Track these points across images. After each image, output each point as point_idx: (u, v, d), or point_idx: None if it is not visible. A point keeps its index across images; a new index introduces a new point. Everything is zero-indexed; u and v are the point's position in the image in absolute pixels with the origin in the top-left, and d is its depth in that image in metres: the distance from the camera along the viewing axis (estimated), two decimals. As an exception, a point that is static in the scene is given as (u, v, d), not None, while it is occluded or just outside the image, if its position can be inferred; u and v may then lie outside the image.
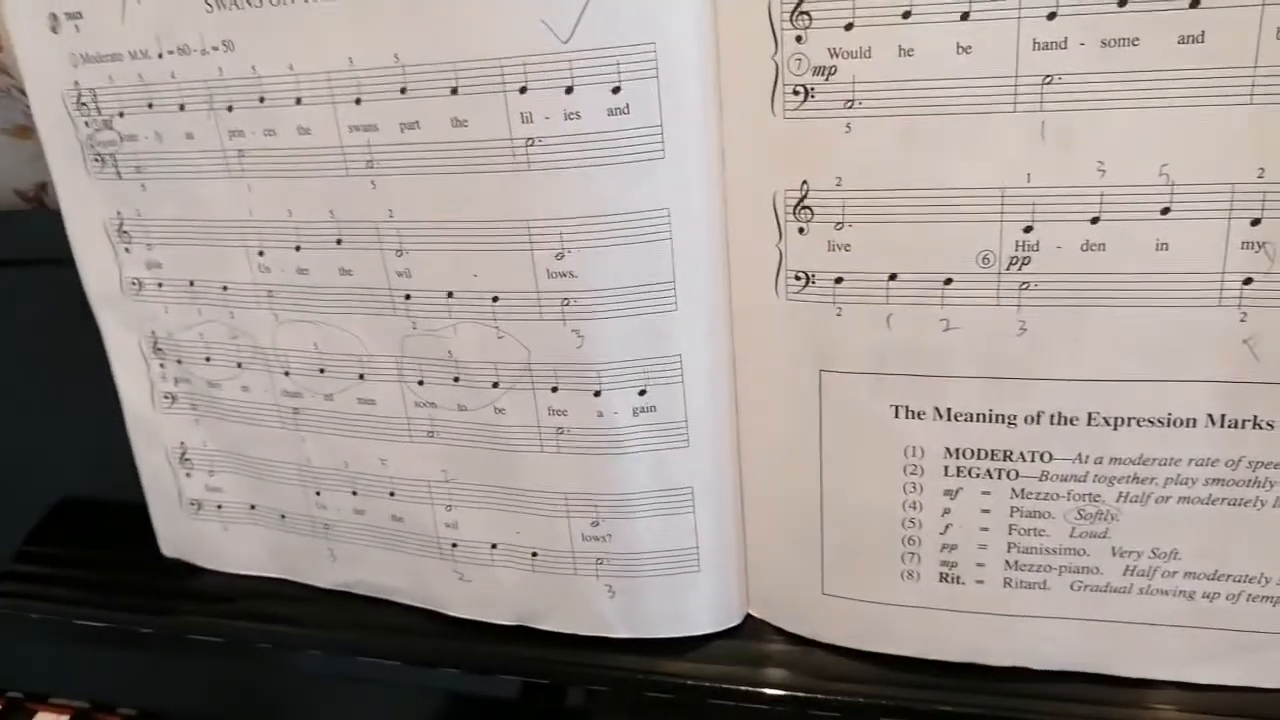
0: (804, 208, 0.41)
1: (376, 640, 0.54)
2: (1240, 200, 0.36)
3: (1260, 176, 0.36)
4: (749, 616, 0.50)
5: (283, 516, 0.56)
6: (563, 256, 0.42)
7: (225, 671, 0.60)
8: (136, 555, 0.61)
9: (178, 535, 0.60)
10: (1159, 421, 0.40)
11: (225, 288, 0.51)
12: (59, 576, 0.63)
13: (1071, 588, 0.44)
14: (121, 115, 0.49)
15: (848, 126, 0.39)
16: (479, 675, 0.52)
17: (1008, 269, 0.39)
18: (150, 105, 0.48)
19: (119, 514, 0.62)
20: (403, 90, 0.42)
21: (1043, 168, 0.37)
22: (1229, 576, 0.42)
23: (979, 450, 0.42)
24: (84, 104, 0.50)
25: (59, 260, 0.55)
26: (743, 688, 0.48)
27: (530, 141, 0.41)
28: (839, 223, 0.40)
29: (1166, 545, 0.42)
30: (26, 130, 0.54)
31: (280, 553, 0.57)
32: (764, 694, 0.48)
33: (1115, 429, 0.40)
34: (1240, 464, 0.40)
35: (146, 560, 0.61)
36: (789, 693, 0.48)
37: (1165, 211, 0.37)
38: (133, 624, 0.59)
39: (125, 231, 0.52)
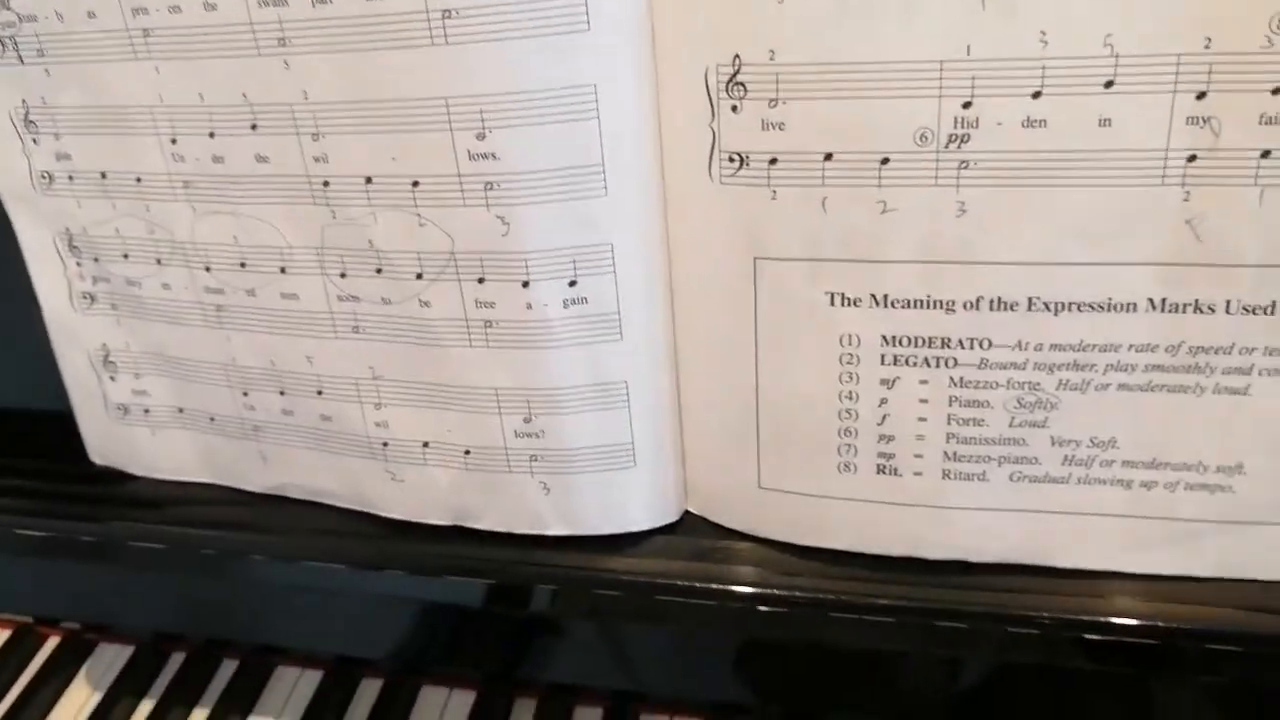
0: (737, 84, 0.39)
1: (319, 544, 0.53)
2: (1185, 72, 0.35)
3: (1207, 47, 0.34)
4: (687, 513, 0.50)
5: (211, 419, 0.54)
6: (484, 137, 0.40)
7: (166, 581, 0.59)
8: (71, 465, 0.60)
9: (106, 442, 0.59)
10: (1099, 306, 0.39)
11: (139, 179, 0.49)
12: (-9, 486, 0.61)
13: (1010, 479, 0.43)
14: (18, -8, 0.46)
15: (781, -6, 0.37)
16: (424, 577, 0.51)
17: (946, 147, 0.37)
18: (47, -19, 0.45)
19: (50, 422, 0.60)
20: None
21: (983, 39, 0.36)
22: (1167, 464, 0.41)
23: (916, 338, 0.41)
24: (-24, -19, 0.47)
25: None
26: (680, 583, 0.47)
27: (447, 14, 0.39)
28: (773, 99, 0.38)
29: (1105, 434, 0.41)
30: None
31: (211, 457, 0.56)
32: (711, 589, 0.47)
33: (1055, 314, 0.39)
34: (1180, 349, 0.39)
35: (81, 469, 0.60)
36: (737, 588, 0.47)
37: (1109, 85, 0.35)
38: (71, 532, 0.58)
39: (32, 121, 0.50)
